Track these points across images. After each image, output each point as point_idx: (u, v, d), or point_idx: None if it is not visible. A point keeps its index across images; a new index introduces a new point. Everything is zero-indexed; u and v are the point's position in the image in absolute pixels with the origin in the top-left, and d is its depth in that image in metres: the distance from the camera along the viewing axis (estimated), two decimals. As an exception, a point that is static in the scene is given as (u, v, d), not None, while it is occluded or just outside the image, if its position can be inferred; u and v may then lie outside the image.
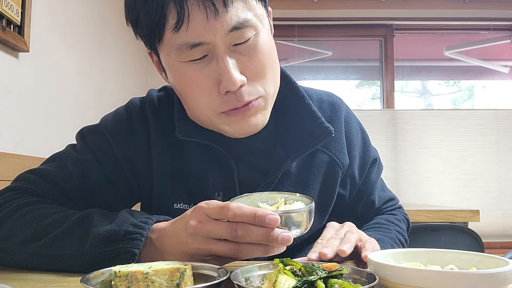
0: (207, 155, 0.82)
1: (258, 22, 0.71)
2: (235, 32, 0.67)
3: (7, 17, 1.48)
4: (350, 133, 0.92)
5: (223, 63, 0.68)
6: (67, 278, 0.63)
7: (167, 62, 0.73)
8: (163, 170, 0.83)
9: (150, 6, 0.67)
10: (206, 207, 0.59)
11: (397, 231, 0.94)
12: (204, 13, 0.65)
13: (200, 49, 0.68)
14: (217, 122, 0.74)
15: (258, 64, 0.71)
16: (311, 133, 0.81)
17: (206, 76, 0.69)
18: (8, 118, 1.53)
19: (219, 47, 0.68)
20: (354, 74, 3.79)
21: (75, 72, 2.03)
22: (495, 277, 0.47)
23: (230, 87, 0.68)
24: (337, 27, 3.54)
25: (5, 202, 0.75)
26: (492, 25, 3.47)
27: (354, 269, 0.54)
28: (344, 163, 0.88)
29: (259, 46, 0.71)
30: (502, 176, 3.24)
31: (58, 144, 0.90)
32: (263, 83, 0.73)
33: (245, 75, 0.70)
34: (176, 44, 0.68)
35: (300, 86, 0.89)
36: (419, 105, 3.75)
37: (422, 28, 3.61)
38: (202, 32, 0.66)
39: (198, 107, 0.74)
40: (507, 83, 3.65)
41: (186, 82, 0.72)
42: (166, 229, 0.64)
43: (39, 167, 0.84)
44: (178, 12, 0.65)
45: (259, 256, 0.58)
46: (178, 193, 0.82)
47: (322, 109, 0.90)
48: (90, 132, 0.86)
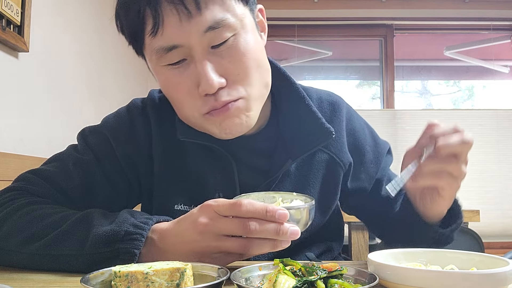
0: (208, 156, 0.82)
1: (237, 23, 0.70)
2: (211, 33, 0.67)
3: (7, 17, 1.48)
4: (354, 130, 0.91)
5: (201, 66, 0.68)
6: (67, 278, 0.63)
7: (151, 67, 0.75)
8: (164, 170, 0.83)
9: (130, 14, 0.70)
10: (215, 205, 0.60)
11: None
12: (177, 17, 0.66)
13: (177, 53, 0.69)
14: (204, 123, 0.74)
15: (240, 66, 0.70)
16: (311, 134, 0.81)
17: (186, 79, 0.70)
18: (8, 118, 1.53)
19: (196, 49, 0.68)
20: (354, 74, 3.79)
21: (75, 72, 2.03)
22: (495, 277, 0.47)
23: (207, 90, 0.68)
24: (337, 27, 3.54)
25: (5, 203, 0.75)
26: (492, 25, 3.47)
27: (354, 269, 0.54)
28: (345, 162, 0.88)
29: (240, 47, 0.70)
30: (502, 176, 3.24)
31: (58, 144, 0.90)
32: (246, 85, 0.72)
33: (225, 77, 0.70)
34: (154, 49, 0.70)
35: (300, 85, 0.89)
36: (419, 105, 3.75)
37: (422, 28, 3.60)
38: (176, 35, 0.67)
39: (184, 109, 0.74)
40: (507, 83, 3.65)
41: (169, 86, 0.74)
42: (169, 229, 0.64)
43: (40, 168, 0.84)
44: (153, 17, 0.67)
45: (268, 251, 0.59)
46: (179, 194, 0.82)
47: (322, 108, 0.89)
48: (92, 133, 0.86)
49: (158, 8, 0.66)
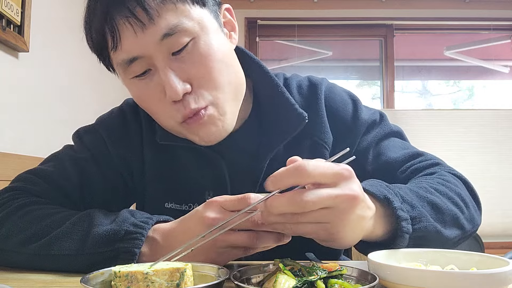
0: (196, 156, 0.82)
1: (194, 26, 0.69)
2: (168, 39, 0.68)
3: (7, 17, 1.48)
4: (335, 106, 0.87)
5: (163, 74, 0.69)
6: (67, 278, 0.63)
7: (123, 81, 0.77)
8: (155, 170, 0.84)
9: (93, 33, 0.72)
10: (221, 201, 0.61)
11: (432, 186, 0.71)
12: (132, 29, 0.67)
13: (139, 64, 0.70)
14: (182, 131, 0.74)
15: (203, 69, 0.70)
16: (287, 121, 0.80)
17: (153, 89, 0.71)
18: (8, 118, 1.53)
19: (156, 58, 0.69)
20: (354, 74, 3.78)
21: (75, 72, 2.03)
22: (495, 277, 0.47)
23: (173, 97, 0.68)
24: (337, 27, 3.54)
25: (4, 203, 0.76)
26: (492, 25, 3.47)
27: (354, 269, 0.54)
28: (328, 142, 0.84)
29: (201, 50, 0.70)
30: (502, 176, 3.24)
31: (58, 144, 0.91)
32: (212, 89, 0.71)
33: (190, 82, 0.70)
34: (117, 63, 0.71)
35: (282, 74, 0.89)
36: (419, 105, 3.75)
37: (422, 28, 3.60)
38: (134, 47, 0.68)
39: (160, 119, 0.75)
40: (507, 83, 3.64)
41: (140, 98, 0.75)
42: (174, 227, 0.65)
43: (38, 167, 0.84)
44: (111, 33, 0.68)
45: (272, 243, 0.60)
46: (169, 193, 0.83)
47: (302, 94, 0.87)
48: (86, 132, 0.88)
49: (113, 24, 0.68)
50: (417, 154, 0.84)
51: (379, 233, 0.62)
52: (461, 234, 0.70)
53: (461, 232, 0.70)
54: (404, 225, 0.61)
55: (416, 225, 0.62)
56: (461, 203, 0.71)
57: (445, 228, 0.66)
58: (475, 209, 0.75)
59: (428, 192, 0.69)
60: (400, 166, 0.82)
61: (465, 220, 0.71)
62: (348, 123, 0.86)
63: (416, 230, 0.62)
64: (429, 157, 0.84)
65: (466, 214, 0.71)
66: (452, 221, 0.68)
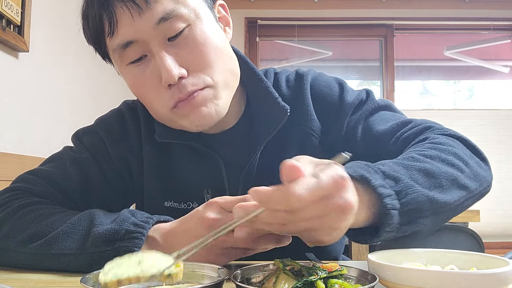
0: (193, 154, 0.83)
1: (190, 13, 0.70)
2: (164, 24, 0.69)
3: (7, 17, 1.48)
4: (320, 91, 0.86)
5: (159, 58, 0.69)
6: (67, 278, 0.63)
7: (118, 69, 0.77)
8: (153, 169, 0.84)
9: (90, 21, 0.72)
10: (222, 202, 0.61)
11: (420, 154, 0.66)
12: (129, 14, 0.68)
13: (135, 49, 0.70)
14: (174, 118, 0.74)
15: (199, 56, 0.71)
16: (271, 114, 0.81)
17: (149, 75, 0.71)
18: (8, 118, 1.53)
19: (152, 43, 0.69)
20: (354, 74, 3.79)
21: (75, 72, 2.03)
22: (495, 277, 0.47)
23: (169, 80, 0.69)
24: (337, 27, 3.54)
25: (5, 203, 0.76)
26: (492, 25, 3.47)
27: (354, 269, 0.54)
28: (315, 129, 0.84)
29: (197, 37, 0.71)
30: (502, 176, 3.24)
31: (58, 144, 0.91)
32: (210, 73, 0.72)
33: (186, 68, 0.70)
34: (113, 48, 0.72)
35: (273, 69, 0.89)
36: (419, 105, 3.75)
37: (422, 28, 3.60)
38: (130, 31, 0.69)
39: (154, 107, 0.75)
40: (507, 83, 3.65)
41: (135, 85, 0.75)
42: (175, 227, 0.65)
43: (38, 168, 0.85)
44: (108, 19, 0.69)
45: (272, 245, 0.60)
46: (168, 191, 0.84)
47: (289, 86, 0.88)
48: (85, 133, 0.88)
49: (111, 9, 0.69)
50: (406, 122, 0.80)
51: (363, 217, 0.56)
52: (466, 194, 0.64)
53: (466, 193, 0.64)
54: (388, 202, 0.55)
55: (403, 199, 0.56)
56: (458, 162, 0.66)
57: (442, 193, 0.61)
58: (479, 165, 0.70)
59: (416, 160, 0.63)
60: (390, 138, 0.79)
61: (468, 179, 0.65)
62: (335, 105, 0.85)
63: (404, 204, 0.56)
64: (419, 122, 0.80)
65: (467, 172, 0.66)
66: (450, 183, 0.62)
